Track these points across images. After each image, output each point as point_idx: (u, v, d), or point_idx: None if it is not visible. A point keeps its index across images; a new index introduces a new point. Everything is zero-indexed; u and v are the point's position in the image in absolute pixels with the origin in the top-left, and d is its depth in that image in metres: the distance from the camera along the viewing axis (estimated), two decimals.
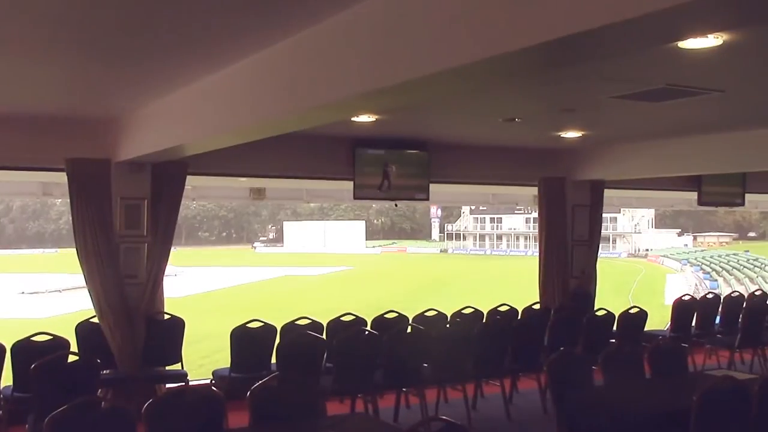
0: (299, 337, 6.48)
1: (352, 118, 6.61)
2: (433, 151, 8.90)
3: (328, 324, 7.34)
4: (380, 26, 3.58)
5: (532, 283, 10.09)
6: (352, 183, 8.61)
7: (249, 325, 6.77)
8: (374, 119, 6.86)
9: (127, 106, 6.52)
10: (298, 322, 7.17)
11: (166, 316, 7.33)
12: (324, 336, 7.02)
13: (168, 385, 6.97)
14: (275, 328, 6.82)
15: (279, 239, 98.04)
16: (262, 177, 9.42)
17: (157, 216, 7.34)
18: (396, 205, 9.49)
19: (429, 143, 8.86)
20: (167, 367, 7.23)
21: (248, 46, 4.52)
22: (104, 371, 6.58)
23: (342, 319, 7.46)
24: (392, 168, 8.68)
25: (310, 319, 7.27)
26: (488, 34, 2.87)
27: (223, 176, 8.90)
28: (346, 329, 6.99)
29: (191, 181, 8.49)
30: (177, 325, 7.19)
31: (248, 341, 6.69)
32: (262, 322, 6.80)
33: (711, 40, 4.04)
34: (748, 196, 11.66)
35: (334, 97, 4.04)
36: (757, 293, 10.39)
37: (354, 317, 7.49)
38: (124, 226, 7.24)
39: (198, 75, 5.27)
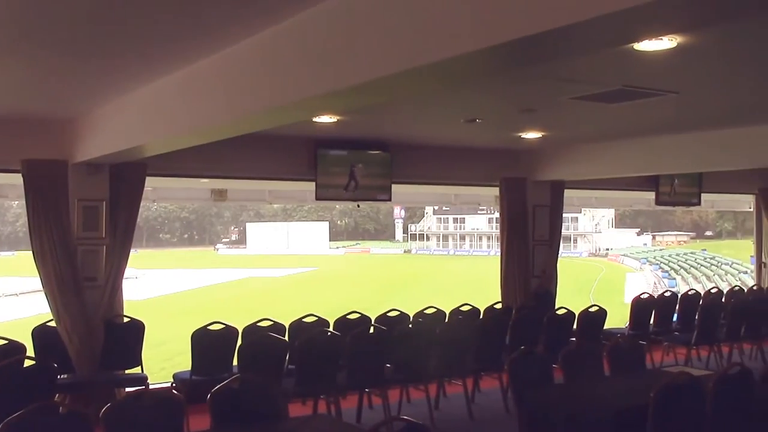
0: (261, 339, 6.44)
1: (314, 119, 6.60)
2: (395, 151, 8.92)
3: (290, 325, 7.31)
4: (340, 27, 3.58)
5: (494, 283, 10.16)
6: (314, 184, 8.60)
7: (210, 328, 6.71)
8: (336, 120, 6.86)
9: (84, 106, 6.42)
10: (260, 324, 7.12)
11: (126, 319, 7.23)
12: (286, 337, 7.00)
13: (127, 389, 6.88)
14: (237, 330, 6.77)
15: (242, 241, 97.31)
16: (224, 178, 9.36)
17: (115, 218, 7.25)
18: (358, 206, 9.50)
19: (391, 144, 8.89)
20: (126, 371, 7.14)
21: (208, 46, 4.48)
22: (62, 375, 6.47)
23: (304, 320, 7.44)
24: (359, 167, 8.68)
25: (271, 320, 7.23)
26: (447, 35, 2.88)
27: (183, 177, 8.81)
28: (309, 330, 6.97)
29: (151, 183, 8.39)
30: (136, 328, 7.10)
31: (209, 344, 6.62)
32: (223, 324, 6.75)
33: (665, 43, 4.12)
34: (704, 196, 11.91)
35: (294, 98, 4.03)
36: (713, 291, 10.59)
37: (316, 318, 7.48)
38: (81, 228, 7.13)
39: (157, 74, 5.22)
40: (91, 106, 6.40)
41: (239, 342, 6.60)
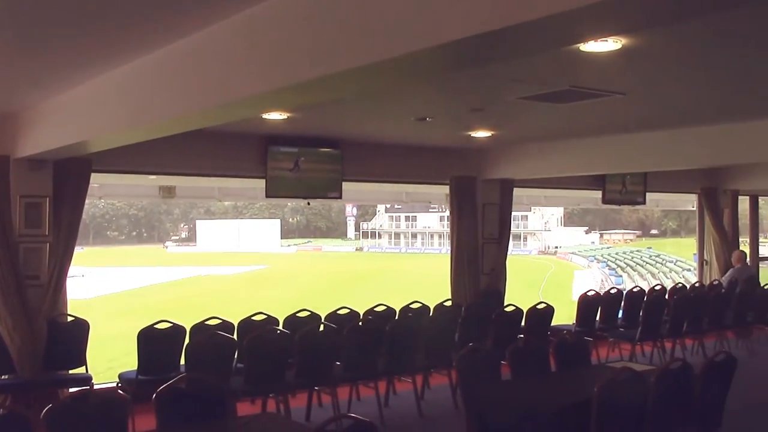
0: (209, 337, 6.37)
1: (264, 116, 6.55)
2: (346, 149, 8.92)
3: (239, 324, 7.24)
4: (289, 23, 3.56)
5: (445, 281, 10.23)
6: (264, 181, 8.54)
7: (157, 326, 6.61)
8: (286, 117, 6.82)
9: (27, 101, 6.26)
10: (208, 323, 7.05)
11: (70, 318, 7.08)
12: (235, 336, 6.93)
13: (71, 390, 6.73)
14: (184, 328, 6.69)
15: (192, 238, 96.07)
16: (172, 175, 9.21)
17: (59, 215, 7.08)
18: (308, 204, 9.46)
19: (342, 141, 8.88)
20: (71, 371, 6.99)
21: (154, 40, 4.41)
22: (3, 376, 6.31)
23: (253, 318, 7.38)
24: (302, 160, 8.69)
25: (220, 319, 7.16)
26: (394, 33, 2.89)
27: (130, 174, 8.66)
28: (258, 329, 6.92)
29: (97, 179, 8.24)
30: (81, 328, 6.95)
31: (156, 342, 6.52)
32: (170, 322, 6.66)
33: (611, 44, 4.20)
34: (649, 195, 12.17)
35: (242, 94, 3.99)
36: (656, 288, 10.82)
37: (266, 316, 7.42)
38: (23, 225, 6.95)
39: (102, 68, 5.12)
40: (34, 101, 6.24)
41: (187, 341, 6.52)
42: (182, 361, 6.40)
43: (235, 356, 6.49)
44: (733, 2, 2.59)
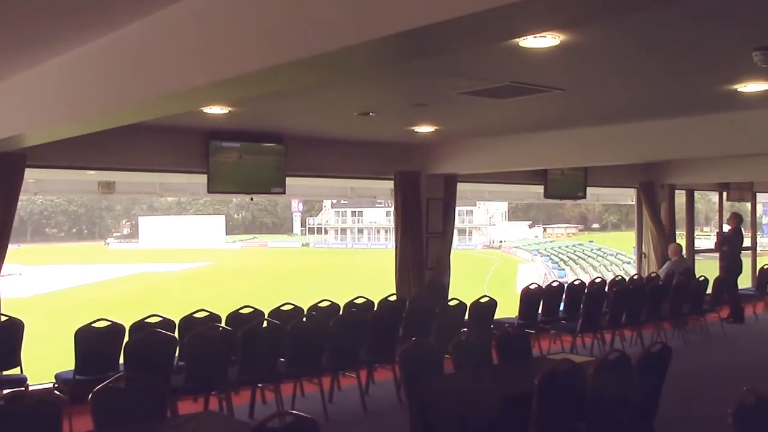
0: (149, 335, 6.25)
1: (204, 110, 6.46)
2: (289, 144, 8.86)
3: (180, 321, 7.13)
4: (224, 16, 3.51)
5: (390, 276, 10.25)
6: (206, 176, 8.43)
7: (95, 325, 6.46)
8: (227, 111, 6.74)
9: None
10: (148, 320, 6.91)
11: (3, 318, 6.87)
12: (176, 334, 6.82)
13: (5, 391, 6.53)
14: (123, 327, 6.55)
15: (134, 235, 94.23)
16: (112, 170, 9.01)
17: None
18: (251, 199, 9.36)
19: (285, 136, 8.81)
20: (4, 372, 6.78)
21: (91, 30, 4.30)
22: None
23: (195, 315, 7.28)
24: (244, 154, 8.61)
25: (160, 316, 7.03)
26: (329, 27, 2.88)
27: (67, 169, 8.45)
28: (199, 326, 6.83)
29: (32, 174, 8.01)
30: (15, 327, 6.74)
31: (94, 342, 6.37)
32: (108, 321, 6.52)
33: (549, 40, 4.26)
34: (589, 190, 12.41)
35: (180, 86, 3.92)
36: (597, 281, 11.04)
37: (208, 313, 7.32)
38: None
39: (37, 59, 4.97)
40: None
41: (126, 339, 6.39)
42: (122, 360, 6.27)
43: (176, 354, 6.39)
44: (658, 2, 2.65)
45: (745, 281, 15.48)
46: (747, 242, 15.79)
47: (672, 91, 6.36)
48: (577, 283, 10.60)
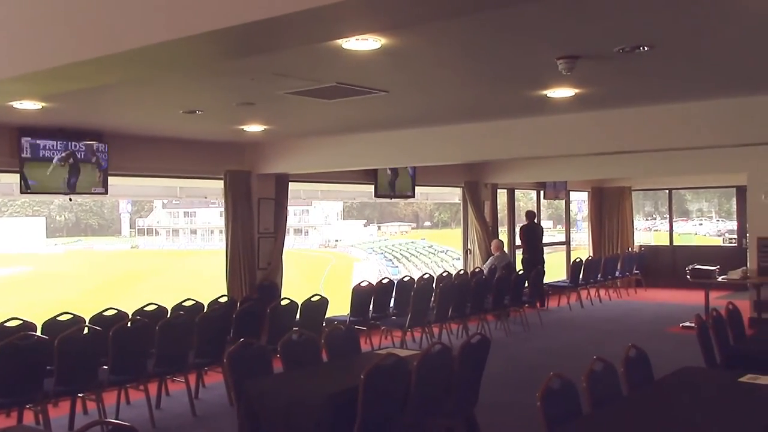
0: None
1: (12, 104, 6.05)
2: (112, 142, 8.49)
3: None
4: (32, 7, 3.32)
5: (223, 277, 10.08)
6: (19, 176, 7.90)
7: None
8: (41, 106, 6.36)
9: None
10: None
11: None
12: None
13: None
14: None
15: None
16: None
17: None
18: (70, 199, 8.88)
19: (107, 134, 8.45)
20: None
21: None
22: None
23: (6, 324, 6.79)
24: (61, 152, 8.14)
25: None
26: (141, 23, 2.80)
27: None
28: (10, 335, 6.37)
29: None
30: None
31: None
32: None
33: (371, 43, 4.37)
34: (418, 189, 12.81)
35: None
36: (425, 277, 11.40)
37: (21, 322, 6.87)
38: None
39: None
40: None
41: None
42: None
43: None
44: (471, 7, 2.79)
45: (560, 273, 16.63)
46: (561, 237, 16.96)
47: (489, 95, 6.70)
48: (406, 279, 10.90)
